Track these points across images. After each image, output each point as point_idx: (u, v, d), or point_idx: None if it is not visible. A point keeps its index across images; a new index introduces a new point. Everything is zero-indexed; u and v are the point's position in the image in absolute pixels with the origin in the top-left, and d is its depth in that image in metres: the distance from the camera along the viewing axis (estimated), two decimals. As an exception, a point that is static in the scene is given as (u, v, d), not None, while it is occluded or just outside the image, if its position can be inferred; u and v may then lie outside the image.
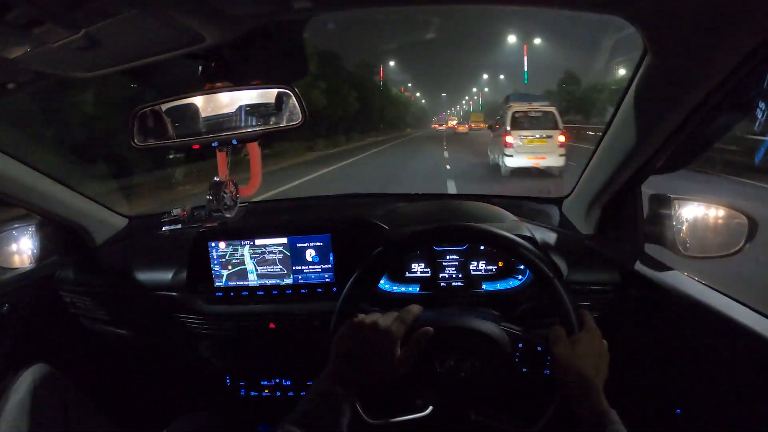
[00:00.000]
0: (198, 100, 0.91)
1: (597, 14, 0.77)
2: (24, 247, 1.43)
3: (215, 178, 1.01)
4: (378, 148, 23.63)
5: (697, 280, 1.05)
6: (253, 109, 0.89)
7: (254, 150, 1.01)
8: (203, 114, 0.91)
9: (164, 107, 0.93)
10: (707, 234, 1.12)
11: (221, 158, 1.01)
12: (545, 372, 0.97)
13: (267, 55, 0.90)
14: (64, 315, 1.41)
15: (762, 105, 0.85)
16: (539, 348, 0.95)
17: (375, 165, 15.87)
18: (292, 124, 0.87)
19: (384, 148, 23.69)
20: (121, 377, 1.48)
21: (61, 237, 1.42)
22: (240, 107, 0.89)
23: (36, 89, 1.08)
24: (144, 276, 1.35)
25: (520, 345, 0.96)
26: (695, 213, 1.12)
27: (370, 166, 15.58)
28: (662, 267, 1.13)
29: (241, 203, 1.07)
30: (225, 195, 1.03)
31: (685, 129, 0.87)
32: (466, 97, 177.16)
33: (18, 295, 1.33)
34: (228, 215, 1.01)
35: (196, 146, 0.92)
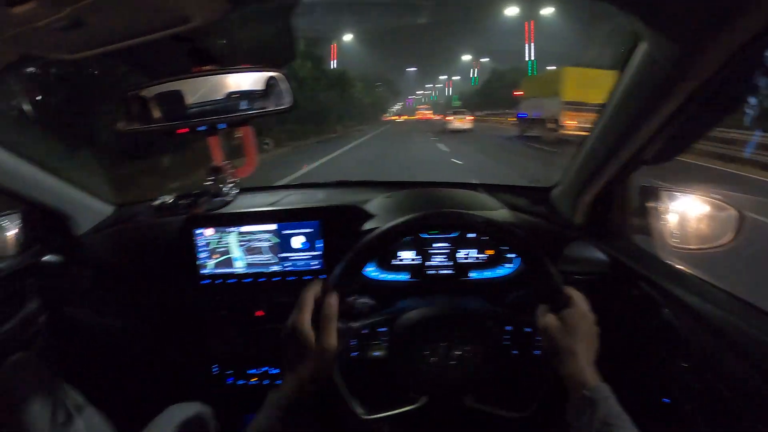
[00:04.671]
0: (186, 84, 0.90)
1: (590, 1, 0.76)
2: (8, 235, 1.41)
3: (212, 163, 1.00)
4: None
5: (683, 271, 1.05)
6: (241, 93, 0.88)
7: (247, 132, 1.00)
8: (191, 97, 0.90)
9: (151, 91, 0.91)
10: (695, 226, 1.12)
11: (214, 143, 1.00)
12: (535, 353, 0.97)
13: (256, 38, 0.90)
14: (48, 303, 1.39)
15: (753, 99, 0.84)
16: (527, 329, 0.96)
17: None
18: (280, 108, 0.86)
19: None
20: (106, 366, 1.46)
21: (45, 224, 1.40)
22: (228, 91, 0.88)
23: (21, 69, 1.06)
24: (129, 264, 1.34)
25: (508, 327, 0.97)
26: (684, 205, 1.13)
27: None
28: (650, 257, 1.13)
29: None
30: (224, 178, 1.02)
31: (677, 119, 0.86)
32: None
33: (1, 283, 1.31)
34: (229, 198, 1.01)
35: (184, 130, 0.91)
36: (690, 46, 0.70)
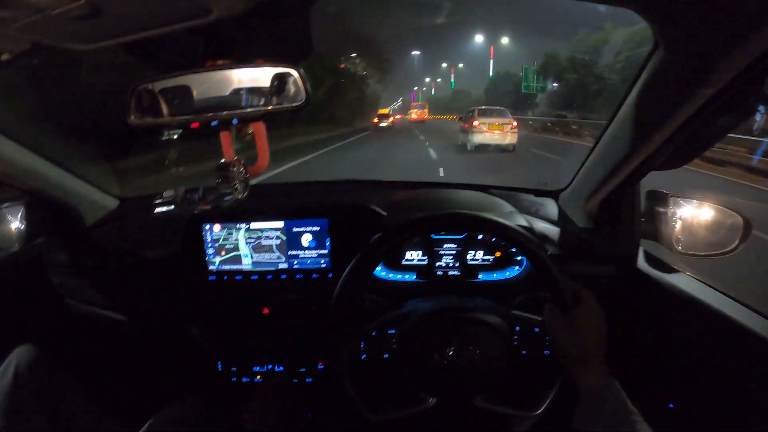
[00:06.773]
0: (198, 78, 0.88)
1: (609, 6, 0.76)
2: (12, 227, 1.40)
3: (222, 160, 0.99)
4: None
5: (692, 277, 1.06)
6: (255, 89, 0.88)
7: (259, 128, 0.98)
8: (203, 92, 0.89)
9: (163, 84, 0.90)
10: (702, 232, 1.13)
11: (225, 138, 0.99)
12: (545, 352, 0.97)
13: (272, 33, 0.89)
14: (52, 296, 1.38)
15: (762, 108, 0.85)
16: (537, 329, 0.96)
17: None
18: (294, 104, 0.85)
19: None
20: (110, 361, 1.45)
21: (50, 217, 1.39)
22: (241, 86, 0.87)
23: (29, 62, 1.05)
24: (134, 258, 1.33)
25: (518, 328, 0.97)
26: (691, 211, 1.13)
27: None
28: (657, 262, 1.13)
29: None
30: (235, 175, 1.01)
31: (689, 127, 0.86)
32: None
33: (5, 276, 1.30)
34: (240, 196, 1.00)
35: (195, 125, 0.90)
36: (707, 55, 0.70)
